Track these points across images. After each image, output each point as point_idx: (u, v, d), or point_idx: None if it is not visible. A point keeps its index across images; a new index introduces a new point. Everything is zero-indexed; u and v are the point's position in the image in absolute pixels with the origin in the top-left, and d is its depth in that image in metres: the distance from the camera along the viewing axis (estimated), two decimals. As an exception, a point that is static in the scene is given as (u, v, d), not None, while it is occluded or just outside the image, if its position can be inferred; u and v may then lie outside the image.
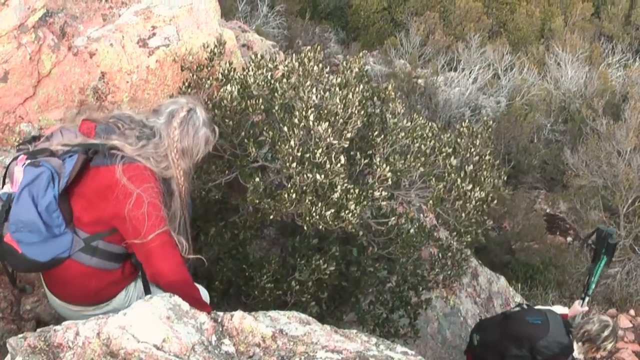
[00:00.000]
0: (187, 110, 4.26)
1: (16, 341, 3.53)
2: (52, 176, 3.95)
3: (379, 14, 25.14)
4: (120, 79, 6.38)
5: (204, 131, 4.32)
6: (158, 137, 4.19)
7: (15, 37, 5.91)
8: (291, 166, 5.34)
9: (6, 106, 6.03)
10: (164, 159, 4.16)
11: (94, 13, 6.76)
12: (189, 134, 4.23)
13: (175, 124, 4.20)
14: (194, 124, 4.25)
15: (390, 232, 6.10)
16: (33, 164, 4.00)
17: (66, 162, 4.01)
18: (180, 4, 6.82)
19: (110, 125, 4.24)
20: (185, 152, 4.23)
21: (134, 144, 4.11)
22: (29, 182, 3.93)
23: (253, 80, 5.92)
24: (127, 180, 3.97)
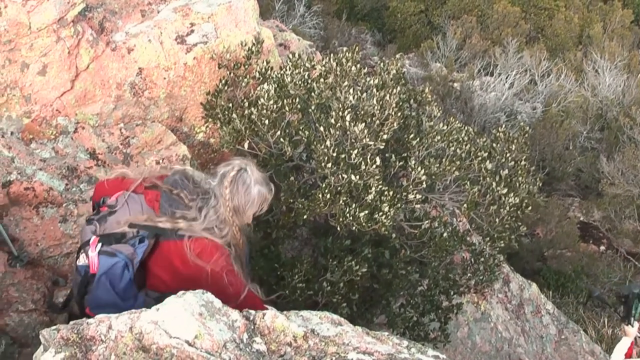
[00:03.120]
0: (237, 169, 4.41)
1: (49, 333, 3.56)
2: (126, 264, 4.16)
3: (416, 17, 25.02)
4: (157, 75, 6.41)
5: (258, 189, 4.41)
6: (214, 199, 4.34)
7: (54, 31, 5.96)
8: (326, 166, 5.34)
9: (44, 99, 6.07)
10: (223, 223, 4.33)
11: (133, 9, 6.79)
12: (239, 192, 4.36)
13: (226, 184, 4.34)
14: (244, 182, 4.38)
15: (423, 235, 6.08)
16: (107, 253, 4.20)
17: (137, 249, 4.20)
18: (219, 2, 6.84)
19: (174, 197, 4.36)
20: (237, 209, 4.36)
21: (198, 218, 4.28)
22: (105, 270, 4.15)
23: (290, 79, 5.92)
24: (196, 257, 4.16)
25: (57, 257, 6.02)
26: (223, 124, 6.08)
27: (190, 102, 6.71)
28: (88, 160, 6.15)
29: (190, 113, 6.80)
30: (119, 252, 4.17)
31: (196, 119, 6.82)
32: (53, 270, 6.02)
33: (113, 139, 6.32)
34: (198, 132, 6.80)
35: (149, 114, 6.55)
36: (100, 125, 6.31)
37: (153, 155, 6.46)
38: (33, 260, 5.80)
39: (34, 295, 5.76)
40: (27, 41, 5.90)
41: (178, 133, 6.77)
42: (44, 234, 5.92)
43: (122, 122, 6.43)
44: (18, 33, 5.85)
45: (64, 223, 5.95)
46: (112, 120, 6.37)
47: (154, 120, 6.57)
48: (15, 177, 5.85)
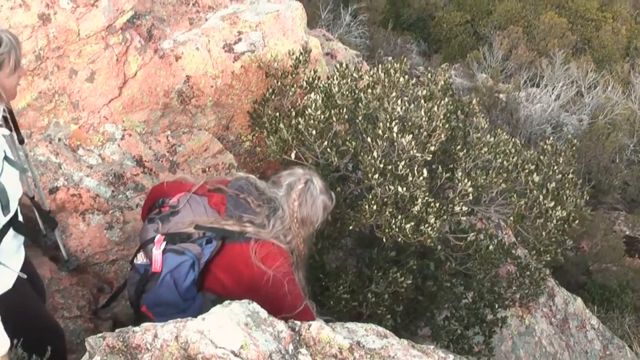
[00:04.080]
0: (305, 181, 4.50)
1: (95, 340, 3.57)
2: (193, 263, 4.21)
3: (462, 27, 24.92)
4: (204, 83, 6.43)
5: (322, 199, 4.53)
6: (281, 210, 4.42)
7: (103, 38, 6.00)
8: (373, 177, 5.31)
9: (91, 106, 6.11)
10: (288, 232, 4.41)
11: (181, 16, 6.82)
12: (307, 203, 4.47)
13: (294, 196, 4.43)
14: (311, 194, 4.49)
15: (468, 247, 6.02)
16: (175, 251, 4.25)
17: (205, 249, 4.25)
18: (267, 11, 6.84)
19: (240, 201, 4.41)
20: (305, 221, 4.47)
21: (266, 225, 4.35)
22: (172, 268, 4.20)
23: (337, 89, 5.90)
24: (260, 261, 4.21)
25: (102, 264, 6.05)
26: (270, 133, 6.07)
27: (237, 111, 6.73)
28: (134, 168, 6.18)
29: (237, 121, 6.81)
30: (187, 251, 4.21)
31: (243, 127, 6.84)
32: (98, 277, 6.06)
33: (160, 146, 6.35)
34: (244, 141, 6.81)
35: (196, 122, 6.57)
36: (147, 132, 6.34)
37: (199, 163, 6.49)
38: (79, 267, 5.84)
39: (79, 302, 5.79)
40: (75, 48, 5.96)
41: (224, 141, 6.78)
42: (90, 240, 5.96)
43: (169, 129, 6.45)
44: (67, 40, 5.90)
45: (109, 230, 5.98)
46: (159, 127, 6.39)
47: (200, 128, 6.59)
48: (62, 183, 5.90)
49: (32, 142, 5.96)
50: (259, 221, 4.33)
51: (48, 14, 5.85)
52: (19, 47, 3.39)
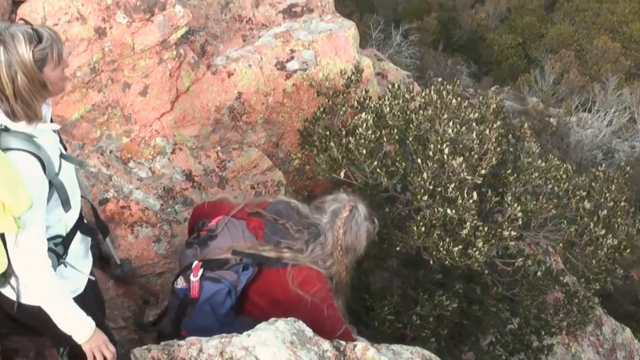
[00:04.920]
0: (350, 208, 4.46)
1: (140, 352, 3.60)
2: (230, 291, 4.22)
3: (513, 49, 24.87)
4: (256, 100, 6.47)
5: (366, 225, 4.51)
6: (323, 237, 4.40)
7: (157, 52, 6.06)
8: (422, 199, 5.30)
9: (143, 120, 6.17)
10: (329, 257, 4.38)
11: (234, 33, 6.87)
12: (352, 231, 4.44)
13: (339, 223, 4.40)
14: (356, 222, 4.46)
15: (516, 273, 5.99)
16: (212, 279, 4.27)
17: (241, 276, 4.26)
18: (320, 29, 6.88)
19: (278, 227, 4.40)
20: (348, 249, 4.44)
21: (304, 250, 4.33)
22: (208, 297, 4.23)
23: (389, 109, 5.91)
24: (298, 286, 4.19)
25: (149, 276, 6.08)
26: (319, 152, 6.09)
27: (287, 129, 6.77)
28: (184, 182, 6.22)
29: (287, 139, 6.85)
30: (223, 279, 4.22)
31: (292, 145, 6.87)
32: (145, 289, 6.09)
33: (209, 161, 6.39)
34: (294, 159, 6.83)
35: (246, 139, 6.61)
36: (197, 147, 6.39)
37: (248, 179, 6.51)
38: (126, 277, 5.87)
39: (124, 313, 5.82)
40: (130, 62, 6.03)
41: (274, 158, 6.82)
42: (138, 252, 5.99)
43: (219, 145, 6.50)
44: (122, 53, 5.97)
45: (157, 243, 6.02)
46: (210, 143, 6.44)
47: (250, 145, 6.63)
48: (113, 195, 5.96)
49: (84, 153, 6.03)
50: (297, 246, 4.32)
51: (104, 28, 5.93)
52: (59, 40, 3.47)
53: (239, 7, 7.04)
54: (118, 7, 5.92)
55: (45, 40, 3.36)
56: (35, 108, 3.42)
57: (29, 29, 3.34)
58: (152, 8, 5.99)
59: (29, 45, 3.30)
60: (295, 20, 7.12)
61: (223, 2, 6.97)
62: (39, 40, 3.34)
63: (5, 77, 3.29)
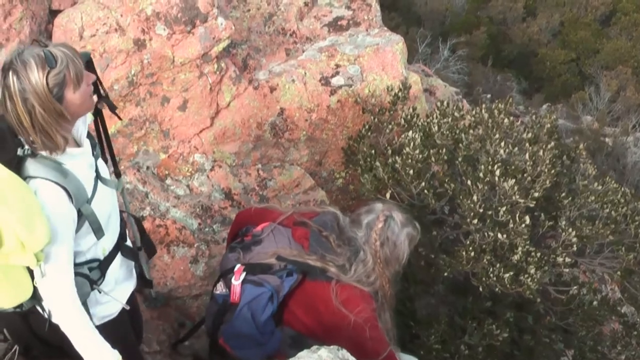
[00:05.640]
0: (384, 219, 4.41)
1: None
2: (272, 296, 4.20)
3: (566, 65, 24.70)
4: (299, 117, 6.48)
5: (405, 233, 4.45)
6: (362, 253, 4.36)
7: (197, 66, 6.09)
8: (471, 222, 5.26)
9: (182, 135, 6.20)
10: (372, 272, 4.33)
11: (278, 47, 6.89)
12: (389, 242, 4.40)
13: (374, 236, 4.36)
14: (393, 232, 4.40)
15: (570, 302, 5.90)
16: (254, 282, 4.26)
17: (285, 282, 4.24)
18: (367, 44, 6.86)
19: (322, 239, 4.37)
20: (389, 261, 4.39)
21: (347, 269, 4.29)
22: (249, 300, 4.21)
23: (437, 128, 5.87)
24: (341, 303, 4.15)
25: (185, 298, 6.10)
26: (364, 171, 6.05)
27: (331, 147, 6.76)
28: (223, 201, 6.23)
29: (331, 158, 6.85)
30: (266, 282, 4.20)
31: (336, 164, 6.86)
32: (180, 311, 6.10)
33: (250, 179, 6.40)
34: (337, 178, 6.79)
35: (288, 156, 6.62)
36: (237, 164, 6.41)
37: (290, 199, 6.52)
38: (164, 302, 5.90)
39: (159, 336, 5.83)
40: (169, 75, 6.06)
41: (316, 177, 6.82)
42: (174, 273, 6.01)
43: (260, 162, 6.51)
44: (161, 67, 6.01)
45: (194, 264, 6.03)
46: (250, 160, 6.45)
47: (292, 163, 6.65)
48: (149, 212, 5.99)
49: (120, 169, 6.03)
50: (340, 263, 4.29)
51: (143, 40, 5.97)
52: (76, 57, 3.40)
53: (282, 19, 7.05)
54: (158, 19, 5.96)
55: (60, 62, 3.26)
56: (55, 139, 3.35)
57: (42, 52, 3.26)
58: (194, 20, 6.02)
59: (42, 72, 3.22)
60: (341, 34, 7.12)
61: (266, 15, 6.99)
62: (54, 63, 3.28)
63: (22, 109, 3.23)
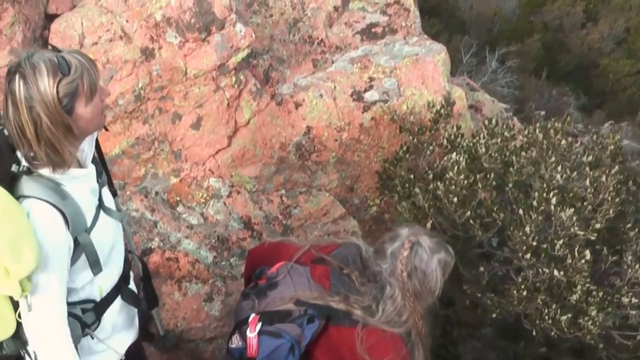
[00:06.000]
0: (410, 246, 4.29)
1: None
2: (292, 347, 4.14)
3: (632, 78, 24.57)
4: (328, 136, 6.49)
5: (436, 260, 4.31)
6: (389, 288, 4.28)
7: (213, 79, 6.11)
8: (524, 257, 5.23)
9: (195, 157, 6.21)
10: (403, 309, 4.25)
11: (304, 57, 6.90)
12: (418, 272, 4.28)
13: (400, 267, 4.26)
14: (421, 260, 4.28)
15: (637, 348, 5.86)
16: (271, 333, 4.20)
17: (305, 330, 4.18)
18: (404, 54, 6.87)
19: (344, 278, 4.32)
20: (420, 294, 4.29)
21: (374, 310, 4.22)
22: (267, 354, 4.16)
23: (484, 150, 5.86)
24: (366, 351, 4.09)
25: (198, 341, 6.09)
26: (401, 198, 6.05)
27: (364, 170, 6.77)
28: (242, 231, 6.23)
29: (363, 182, 6.85)
30: (284, 333, 4.16)
31: (370, 189, 6.87)
32: (193, 356, 6.09)
33: (272, 207, 6.40)
34: (371, 205, 6.82)
35: (315, 181, 6.65)
36: (258, 190, 6.43)
37: (317, 229, 6.51)
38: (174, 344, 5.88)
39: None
40: (181, 89, 6.09)
41: (347, 205, 6.82)
42: (186, 313, 6.01)
43: (284, 188, 6.54)
44: (172, 79, 6.03)
45: (209, 302, 6.03)
46: (272, 185, 6.48)
47: (320, 189, 6.67)
48: (157, 244, 5.98)
49: (126, 194, 6.09)
50: (366, 304, 4.22)
51: (152, 49, 6.00)
52: (93, 67, 3.39)
53: (309, 26, 7.08)
54: (169, 25, 5.99)
55: (74, 70, 3.25)
56: (63, 153, 3.36)
57: (55, 57, 3.27)
58: (209, 26, 6.04)
59: (53, 79, 3.22)
60: (375, 42, 7.14)
61: (291, 21, 7.03)
62: (67, 70, 3.28)
63: (26, 119, 3.23)
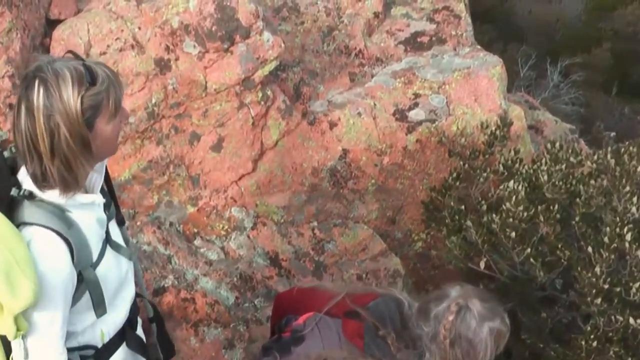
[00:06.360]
0: (457, 310, 4.20)
1: None
2: None
3: None
4: (366, 161, 6.47)
5: (487, 328, 4.17)
6: (428, 355, 4.21)
7: (236, 94, 6.09)
8: (594, 302, 5.16)
9: (216, 183, 6.20)
10: None
11: (339, 71, 6.88)
12: (462, 341, 4.18)
13: (443, 332, 4.17)
14: (468, 327, 4.17)
15: None
16: None
17: None
18: (455, 67, 6.84)
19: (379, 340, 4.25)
20: None
21: None
22: None
23: (547, 178, 5.80)
24: None
25: (217, 396, 6.05)
26: (451, 232, 6.01)
27: (407, 200, 6.75)
28: (268, 268, 6.21)
29: (407, 214, 6.83)
30: None
31: (414, 222, 6.85)
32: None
33: (302, 241, 6.38)
34: (416, 240, 6.79)
35: (352, 212, 6.63)
36: (286, 222, 6.42)
37: (354, 267, 6.48)
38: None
39: None
40: (200, 105, 6.09)
41: (389, 239, 6.79)
42: (203, 362, 5.97)
43: (316, 219, 6.52)
44: (190, 94, 6.03)
45: (229, 349, 5.99)
46: (303, 216, 6.47)
47: (358, 221, 6.65)
48: (172, 282, 5.97)
49: (136, 225, 6.08)
50: None
51: (167, 60, 5.99)
52: (119, 83, 3.36)
53: (345, 35, 7.07)
54: (187, 33, 5.98)
55: (101, 82, 3.23)
56: (77, 172, 3.30)
57: (80, 65, 3.24)
58: (232, 35, 6.03)
59: (78, 88, 3.18)
60: (421, 53, 7.12)
61: (325, 29, 7.02)
62: (93, 81, 3.25)
63: (42, 129, 3.17)
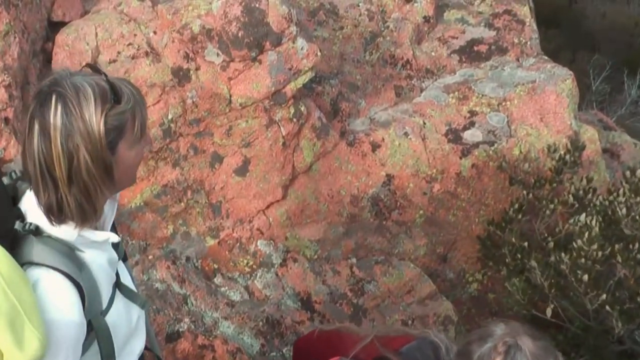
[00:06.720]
0: (505, 351, 4.07)
1: None
2: None
3: None
4: (414, 188, 6.41)
5: None
6: None
7: (265, 110, 6.06)
8: (680, 358, 5.09)
9: (240, 212, 6.16)
10: None
11: (383, 84, 6.84)
12: None
13: None
14: None
15: None
16: None
17: None
18: (517, 81, 6.80)
19: None
20: None
21: None
22: None
23: (625, 211, 5.71)
24: None
25: None
26: (511, 273, 5.95)
27: (461, 234, 6.70)
28: (298, 311, 6.17)
29: (461, 250, 6.79)
30: None
31: (469, 260, 6.80)
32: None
33: (339, 280, 6.33)
34: (470, 282, 6.72)
35: (397, 247, 6.58)
36: (321, 258, 6.37)
37: (398, 311, 6.41)
38: None
39: None
40: (223, 122, 6.07)
41: (439, 280, 6.75)
42: (223, 419, 5.91)
43: (355, 255, 6.47)
44: (212, 109, 6.00)
45: (254, 406, 5.93)
46: (340, 252, 6.42)
47: (403, 258, 6.57)
48: (188, 326, 5.92)
49: (147, 259, 6.05)
50: None
51: (187, 70, 5.96)
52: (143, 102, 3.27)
53: (391, 42, 7.04)
54: (209, 39, 5.94)
55: (126, 100, 3.15)
56: (96, 202, 3.23)
57: (103, 80, 3.16)
58: (261, 42, 5.98)
59: (102, 106, 3.09)
60: (479, 65, 7.08)
61: (367, 35, 7.00)
62: (117, 99, 3.16)
63: (59, 151, 3.08)
